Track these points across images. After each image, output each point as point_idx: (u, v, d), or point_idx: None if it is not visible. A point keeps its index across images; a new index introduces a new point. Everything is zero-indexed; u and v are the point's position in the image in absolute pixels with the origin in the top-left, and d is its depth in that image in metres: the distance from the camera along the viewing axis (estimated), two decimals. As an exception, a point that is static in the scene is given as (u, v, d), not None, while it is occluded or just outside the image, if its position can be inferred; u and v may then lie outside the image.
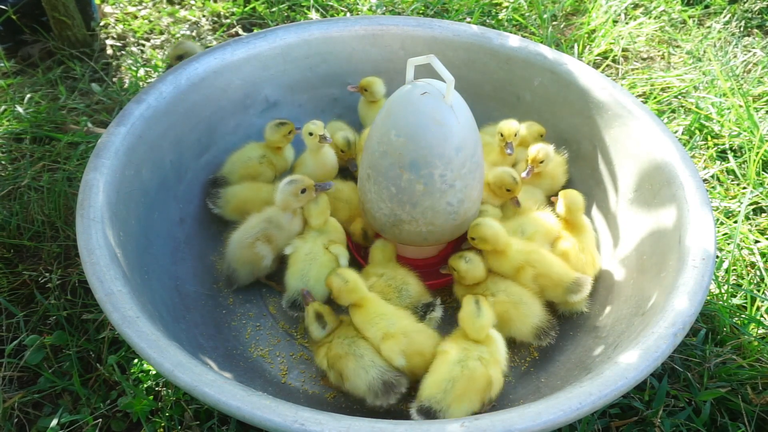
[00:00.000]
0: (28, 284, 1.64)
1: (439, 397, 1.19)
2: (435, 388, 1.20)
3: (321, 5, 2.71)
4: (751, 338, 1.53)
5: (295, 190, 1.47)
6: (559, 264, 1.46)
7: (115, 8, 2.71)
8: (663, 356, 1.09)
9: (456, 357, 1.23)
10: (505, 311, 1.40)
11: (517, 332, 1.40)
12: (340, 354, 1.29)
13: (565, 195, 1.58)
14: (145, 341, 1.07)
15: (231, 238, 1.54)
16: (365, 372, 1.25)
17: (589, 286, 1.43)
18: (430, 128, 1.29)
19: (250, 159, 1.71)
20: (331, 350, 1.30)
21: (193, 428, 1.36)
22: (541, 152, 1.64)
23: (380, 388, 1.24)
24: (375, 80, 1.79)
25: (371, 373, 1.25)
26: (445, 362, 1.23)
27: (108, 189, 1.34)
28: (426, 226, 1.43)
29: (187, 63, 1.66)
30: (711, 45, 2.62)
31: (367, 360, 1.27)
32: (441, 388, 1.20)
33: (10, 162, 1.98)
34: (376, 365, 1.26)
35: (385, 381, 1.24)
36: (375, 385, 1.24)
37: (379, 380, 1.24)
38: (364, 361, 1.26)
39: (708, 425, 1.40)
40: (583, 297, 1.43)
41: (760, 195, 1.91)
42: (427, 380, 1.23)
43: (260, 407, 0.97)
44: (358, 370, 1.26)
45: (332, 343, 1.31)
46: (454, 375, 1.20)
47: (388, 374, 1.25)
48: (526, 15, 2.73)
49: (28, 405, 1.42)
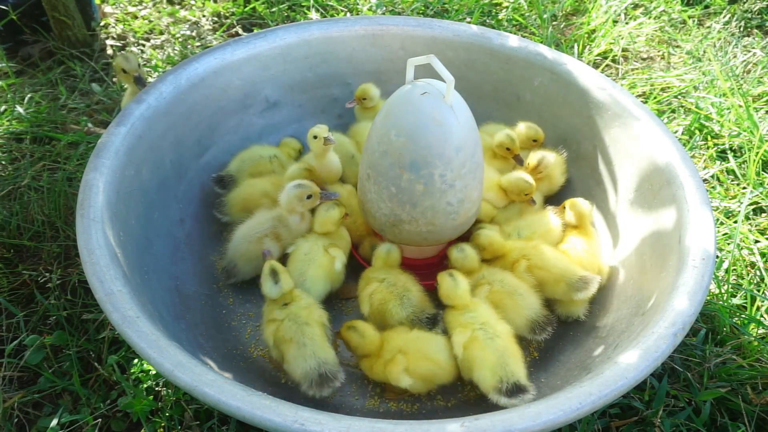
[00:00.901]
0: (28, 284, 1.64)
1: (505, 370, 1.24)
2: (493, 369, 1.25)
3: (321, 5, 2.71)
4: (751, 338, 1.53)
5: (300, 195, 1.48)
6: (560, 259, 1.46)
7: (115, 8, 2.71)
8: (663, 356, 1.09)
9: (473, 335, 1.29)
10: (499, 300, 1.41)
11: (512, 324, 1.38)
12: (285, 338, 1.29)
13: (572, 205, 1.58)
14: (145, 341, 1.07)
15: (237, 232, 1.54)
16: (304, 361, 1.26)
17: (596, 285, 1.42)
18: (430, 128, 1.29)
19: (261, 158, 1.70)
20: (279, 331, 1.31)
21: (193, 428, 1.36)
22: (541, 163, 1.67)
23: (315, 379, 1.25)
24: (369, 87, 1.79)
25: (309, 363, 1.26)
26: (477, 347, 1.28)
27: (108, 189, 1.34)
28: (426, 226, 1.43)
29: (187, 63, 1.66)
30: (711, 45, 2.63)
31: (309, 350, 1.27)
32: (498, 362, 1.25)
33: (10, 162, 1.98)
34: (316, 357, 1.26)
35: (321, 374, 1.25)
36: (311, 375, 1.25)
37: (315, 372, 1.25)
38: (306, 350, 1.27)
39: (708, 425, 1.40)
40: (587, 296, 1.42)
41: (760, 195, 1.91)
42: (482, 373, 1.26)
43: (260, 407, 0.97)
44: (297, 358, 1.27)
45: (282, 323, 1.31)
46: (490, 344, 1.27)
47: (325, 367, 1.26)
48: (526, 15, 2.73)
49: (28, 405, 1.42)
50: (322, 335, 1.31)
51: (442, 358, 1.31)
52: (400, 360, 1.29)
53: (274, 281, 1.33)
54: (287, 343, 1.29)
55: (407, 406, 1.38)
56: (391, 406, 1.38)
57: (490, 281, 1.44)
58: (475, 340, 1.29)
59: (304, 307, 1.33)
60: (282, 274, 1.34)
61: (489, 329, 1.30)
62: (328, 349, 1.30)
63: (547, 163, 1.67)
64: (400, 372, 1.28)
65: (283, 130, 1.88)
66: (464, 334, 1.30)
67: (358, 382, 1.43)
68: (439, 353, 1.31)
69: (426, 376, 1.31)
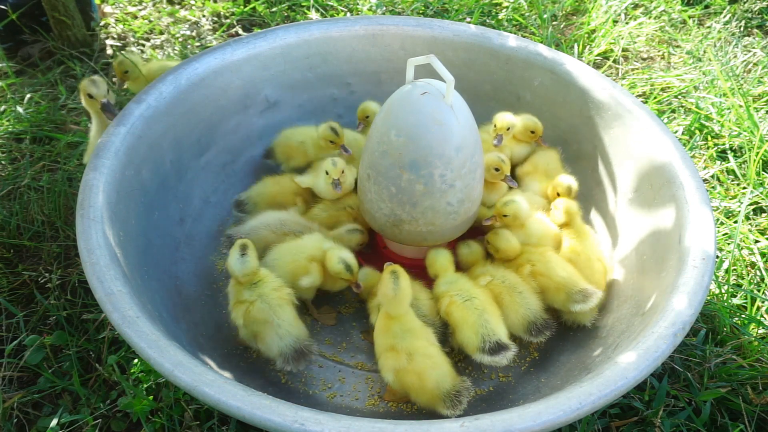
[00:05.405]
0: (28, 284, 1.64)
1: (486, 328, 1.30)
2: (474, 327, 1.31)
3: (321, 5, 2.71)
4: (751, 338, 1.53)
5: (359, 241, 1.58)
6: (564, 268, 1.44)
7: (115, 8, 2.71)
8: (663, 356, 1.09)
9: (450, 300, 1.37)
10: (498, 294, 1.41)
11: (508, 322, 1.38)
12: (258, 318, 1.32)
13: (560, 202, 1.57)
14: (145, 341, 1.07)
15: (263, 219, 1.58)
16: (280, 339, 1.31)
17: (596, 300, 1.39)
18: (430, 128, 1.29)
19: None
20: (250, 312, 1.33)
21: (193, 428, 1.36)
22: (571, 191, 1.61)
23: (292, 355, 1.30)
24: (368, 105, 1.79)
25: (285, 341, 1.31)
26: (455, 309, 1.35)
27: (108, 189, 1.34)
28: (426, 226, 1.43)
29: (187, 63, 1.66)
30: (711, 45, 2.62)
31: (284, 330, 1.31)
32: (478, 321, 1.31)
33: (10, 162, 1.98)
34: (291, 335, 1.31)
35: (297, 349, 1.30)
36: (286, 353, 1.30)
37: (291, 348, 1.31)
38: (281, 330, 1.31)
39: (708, 425, 1.40)
40: (587, 309, 1.39)
41: (760, 195, 1.91)
42: (465, 334, 1.32)
43: (260, 407, 0.97)
44: (273, 337, 1.31)
45: (253, 304, 1.32)
46: (468, 304, 1.34)
47: (300, 343, 1.31)
48: (526, 15, 2.73)
49: (28, 405, 1.42)
50: (292, 313, 1.35)
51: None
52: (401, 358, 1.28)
53: (242, 254, 1.34)
54: (260, 324, 1.32)
55: (407, 406, 1.38)
56: (391, 406, 1.38)
57: (492, 274, 1.46)
58: (452, 303, 1.36)
59: (274, 288, 1.35)
60: (251, 251, 1.35)
61: (465, 293, 1.37)
62: (300, 325, 1.34)
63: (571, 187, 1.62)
64: (390, 368, 1.28)
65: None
66: (443, 301, 1.39)
67: (357, 382, 1.43)
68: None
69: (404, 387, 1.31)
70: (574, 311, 1.41)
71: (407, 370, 1.25)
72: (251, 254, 1.34)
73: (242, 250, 1.34)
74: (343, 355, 1.49)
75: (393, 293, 1.26)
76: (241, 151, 1.82)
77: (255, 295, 1.33)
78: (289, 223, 1.57)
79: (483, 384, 1.42)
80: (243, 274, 1.33)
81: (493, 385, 1.43)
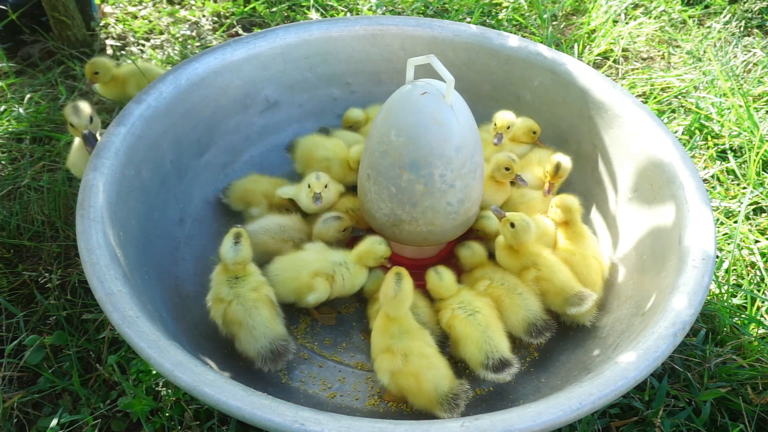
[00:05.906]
0: (28, 284, 1.64)
1: (490, 345, 1.30)
2: (478, 344, 1.30)
3: (321, 5, 2.71)
4: (751, 338, 1.53)
5: (339, 227, 1.54)
6: (564, 272, 1.44)
7: (115, 8, 2.71)
8: (663, 356, 1.09)
9: (453, 314, 1.35)
10: (497, 297, 1.41)
11: (508, 323, 1.38)
12: (234, 320, 1.32)
13: (560, 201, 1.57)
14: (145, 341, 1.07)
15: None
16: (255, 341, 1.31)
17: (591, 302, 1.39)
18: (430, 128, 1.29)
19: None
20: (227, 313, 1.33)
21: (193, 428, 1.36)
22: (560, 168, 1.60)
23: (268, 356, 1.31)
24: (351, 112, 1.83)
25: (261, 342, 1.31)
26: (458, 324, 1.33)
27: (108, 189, 1.34)
28: (426, 226, 1.43)
29: (187, 63, 1.66)
30: (711, 45, 2.62)
31: (259, 332, 1.31)
32: (482, 337, 1.31)
33: (10, 162, 1.98)
34: (267, 336, 1.32)
35: (273, 350, 1.31)
36: (263, 354, 1.31)
37: (267, 349, 1.31)
38: (256, 332, 1.31)
39: (708, 425, 1.40)
40: (583, 312, 1.40)
41: (760, 195, 1.91)
42: (469, 349, 1.31)
43: (260, 407, 0.97)
44: (249, 339, 1.32)
45: (230, 305, 1.33)
46: (472, 320, 1.32)
47: (276, 343, 1.32)
48: (526, 15, 2.73)
49: (27, 405, 1.42)
50: (270, 313, 1.34)
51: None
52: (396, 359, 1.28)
53: (235, 242, 1.34)
54: (237, 326, 1.33)
55: (407, 407, 1.38)
56: (391, 406, 1.38)
57: (491, 278, 1.45)
58: (455, 317, 1.35)
59: (252, 288, 1.35)
60: (245, 240, 1.36)
61: (468, 307, 1.35)
62: (278, 325, 1.34)
63: (565, 167, 1.61)
64: (386, 370, 1.27)
65: (283, 130, 1.88)
66: (444, 313, 1.38)
67: (357, 382, 1.43)
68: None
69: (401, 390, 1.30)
70: (570, 314, 1.42)
71: (403, 372, 1.24)
72: (245, 243, 1.35)
73: (236, 238, 1.35)
74: (343, 355, 1.49)
75: (394, 293, 1.26)
76: (241, 151, 1.82)
77: (232, 294, 1.34)
78: (289, 229, 1.57)
79: (483, 384, 1.42)
80: (234, 263, 1.34)
81: (493, 385, 1.43)
